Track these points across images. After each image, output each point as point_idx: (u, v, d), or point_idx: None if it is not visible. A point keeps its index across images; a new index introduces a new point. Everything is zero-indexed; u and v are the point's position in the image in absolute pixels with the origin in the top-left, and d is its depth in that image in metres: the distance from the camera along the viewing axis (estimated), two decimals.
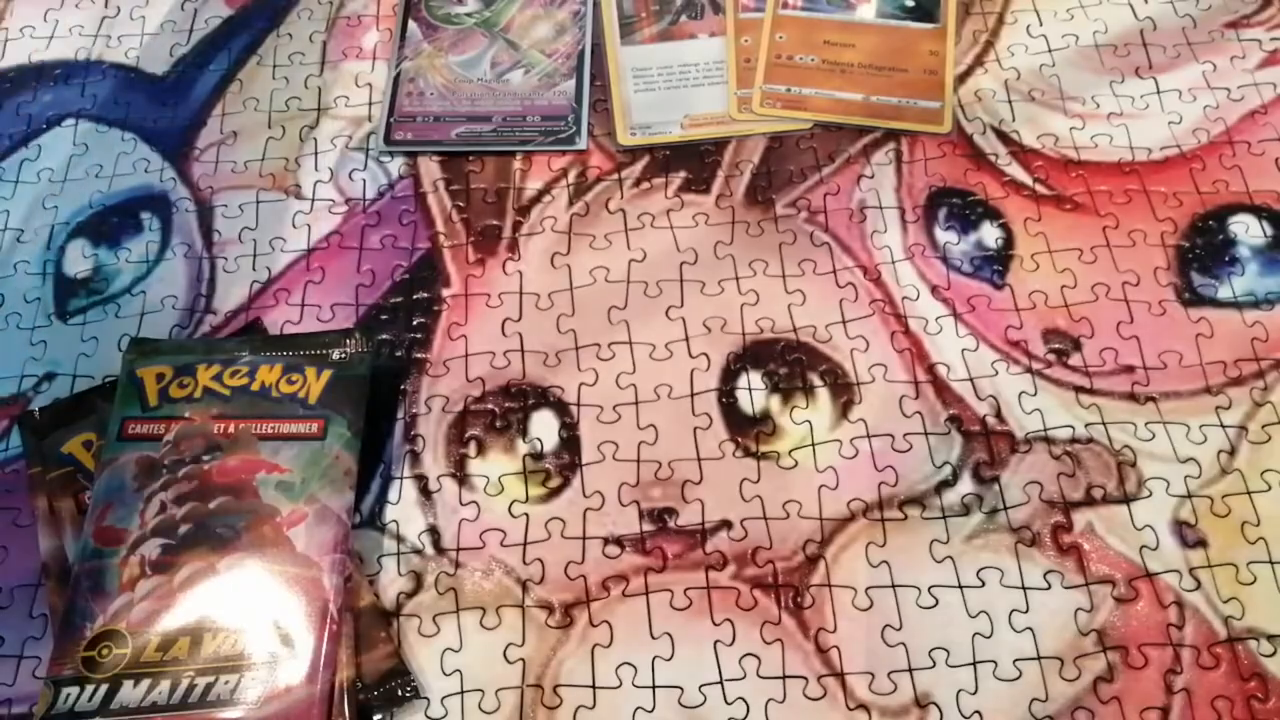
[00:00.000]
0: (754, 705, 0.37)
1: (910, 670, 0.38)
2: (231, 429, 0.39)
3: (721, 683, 0.38)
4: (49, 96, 0.53)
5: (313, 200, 0.49)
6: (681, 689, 0.38)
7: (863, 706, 0.37)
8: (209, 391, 0.40)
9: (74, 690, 0.35)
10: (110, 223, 0.49)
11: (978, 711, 0.37)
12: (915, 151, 0.49)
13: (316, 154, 0.51)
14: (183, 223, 0.49)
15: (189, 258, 0.48)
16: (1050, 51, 0.52)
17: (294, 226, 0.49)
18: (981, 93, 0.51)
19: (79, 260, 0.48)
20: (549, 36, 0.54)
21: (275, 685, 0.35)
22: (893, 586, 0.39)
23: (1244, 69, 0.51)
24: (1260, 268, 0.45)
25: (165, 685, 0.35)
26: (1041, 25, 0.53)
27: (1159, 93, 0.50)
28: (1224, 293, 0.45)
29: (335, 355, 0.41)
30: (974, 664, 0.38)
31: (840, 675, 0.38)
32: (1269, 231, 0.46)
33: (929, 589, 0.39)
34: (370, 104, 0.52)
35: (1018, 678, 0.37)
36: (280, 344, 0.42)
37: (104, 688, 0.35)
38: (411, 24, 0.54)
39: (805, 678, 0.38)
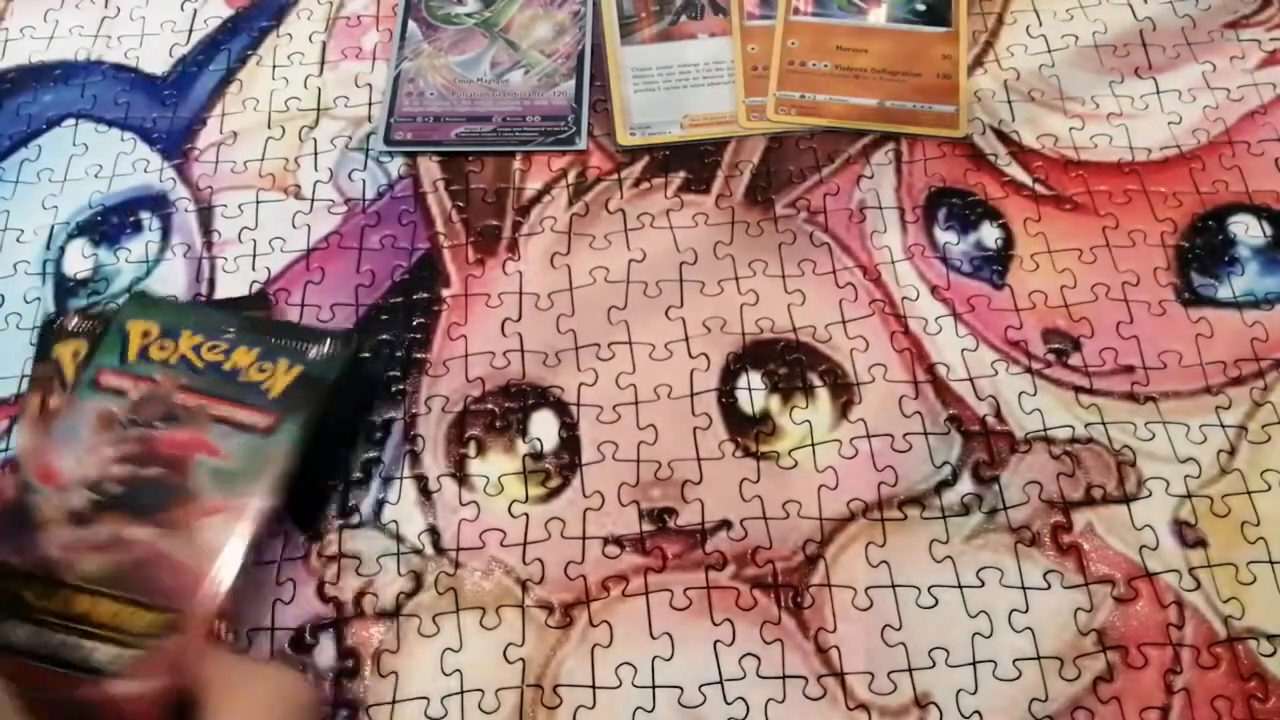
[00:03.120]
0: (754, 705, 0.37)
1: (910, 670, 0.38)
2: (192, 403, 0.39)
3: (721, 683, 0.38)
4: (49, 97, 0.53)
5: (312, 200, 0.49)
6: (681, 689, 0.38)
7: (862, 706, 0.37)
8: (185, 360, 0.40)
9: None
10: (110, 223, 0.49)
11: (977, 711, 0.37)
12: (915, 152, 0.49)
13: (316, 154, 0.51)
14: (182, 223, 0.49)
15: (189, 258, 0.48)
16: (1050, 52, 0.52)
17: (294, 226, 0.49)
18: (981, 93, 0.51)
19: (79, 260, 0.48)
20: (549, 37, 0.54)
21: (126, 667, 0.34)
22: (892, 586, 0.39)
23: (1243, 69, 0.51)
24: (1260, 268, 0.45)
25: (25, 631, 0.35)
26: (1041, 25, 0.53)
27: (1159, 93, 0.50)
28: (1224, 293, 0.45)
29: (312, 354, 0.41)
30: (974, 664, 0.38)
31: (840, 675, 0.38)
32: (1269, 231, 0.46)
33: (929, 589, 0.39)
34: (370, 104, 0.52)
35: (1017, 677, 0.37)
36: (267, 329, 0.42)
37: None
38: (411, 24, 0.54)
39: (805, 678, 0.38)
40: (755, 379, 0.44)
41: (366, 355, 0.44)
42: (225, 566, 0.36)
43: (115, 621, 0.35)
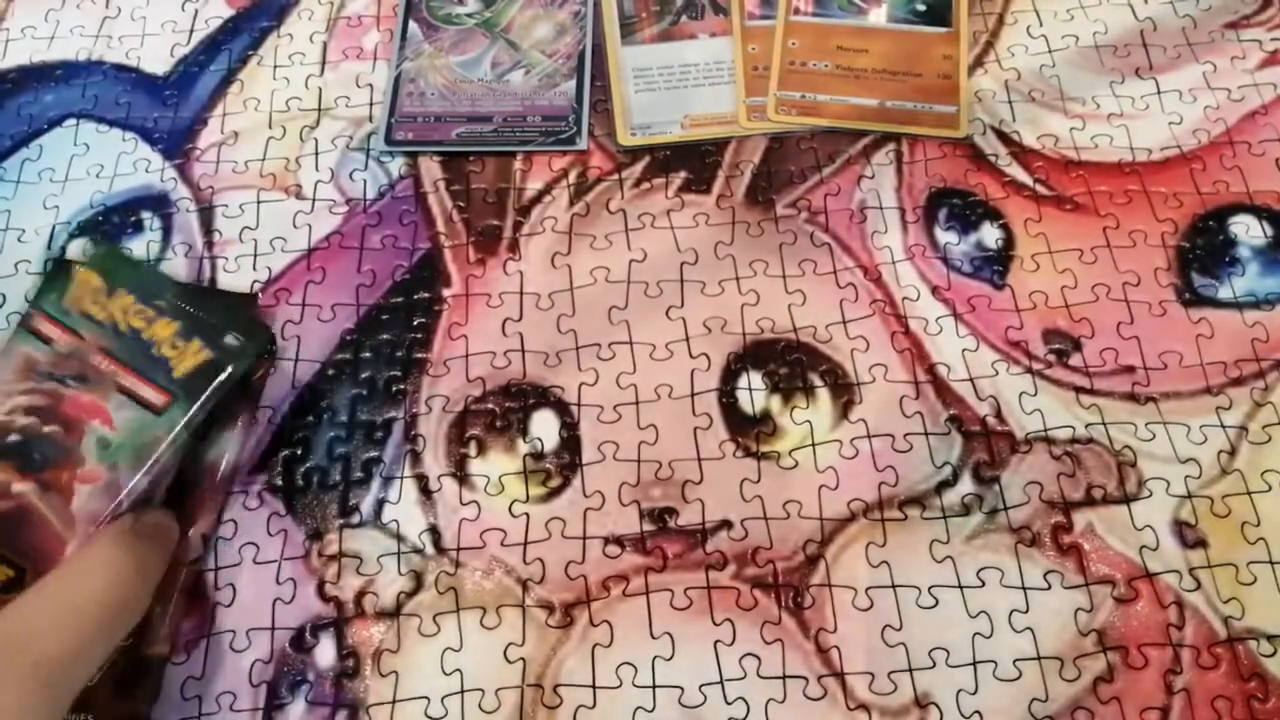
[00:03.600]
0: (754, 705, 0.37)
1: (910, 670, 0.38)
2: (105, 367, 0.39)
3: (721, 682, 0.38)
4: (50, 97, 0.53)
5: (313, 200, 0.49)
6: (681, 689, 0.38)
7: (863, 706, 0.37)
8: (112, 322, 0.40)
9: None
10: (111, 222, 0.49)
11: (978, 711, 0.37)
12: (915, 152, 0.49)
13: (317, 154, 0.51)
14: (183, 222, 0.49)
15: (190, 257, 0.48)
16: (1050, 52, 0.52)
17: (295, 226, 0.49)
18: (982, 93, 0.51)
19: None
20: (549, 37, 0.54)
21: None
22: (893, 586, 0.39)
23: (1244, 69, 0.51)
24: (1261, 268, 0.45)
25: None
26: (1041, 26, 0.53)
27: (1159, 93, 0.50)
28: (1224, 293, 0.45)
29: (227, 340, 0.40)
30: (974, 664, 0.38)
31: (840, 675, 0.38)
32: (1269, 232, 0.46)
33: (929, 589, 0.39)
34: (371, 104, 0.52)
35: (1018, 678, 0.37)
36: (200, 301, 0.41)
37: None
38: (412, 24, 0.55)
39: (805, 678, 0.38)
40: (756, 379, 0.44)
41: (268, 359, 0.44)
42: (80, 536, 0.37)
43: None
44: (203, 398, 0.39)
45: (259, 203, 0.50)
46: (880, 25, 0.53)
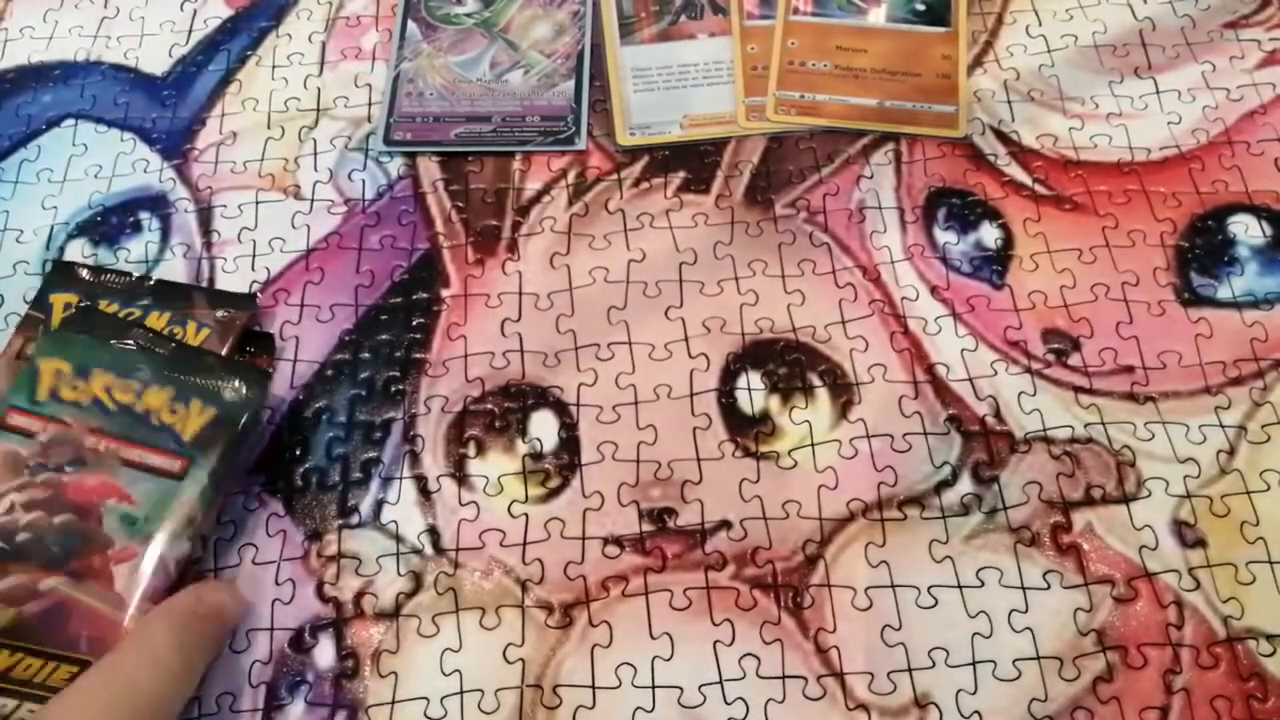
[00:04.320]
0: (753, 705, 0.37)
1: (910, 670, 0.38)
2: (102, 446, 0.38)
3: (721, 683, 0.38)
4: (48, 97, 0.53)
5: (312, 200, 0.49)
6: (681, 689, 0.38)
7: (862, 706, 0.37)
8: (97, 402, 0.39)
9: None
10: (110, 223, 0.49)
11: (977, 712, 0.37)
12: (914, 152, 0.49)
13: (316, 154, 0.51)
14: (182, 223, 0.49)
15: (188, 258, 0.48)
16: (1049, 52, 0.52)
17: (293, 227, 0.49)
18: (981, 93, 0.51)
19: (78, 260, 0.48)
20: (548, 37, 0.54)
21: None
22: (892, 586, 0.39)
23: (1243, 69, 0.51)
24: (1259, 268, 0.45)
25: None
26: (1040, 25, 0.53)
27: (1158, 93, 0.50)
28: (1223, 293, 0.45)
29: (227, 394, 0.40)
30: (973, 664, 0.38)
31: (840, 675, 0.38)
32: (1268, 231, 0.46)
33: (928, 589, 0.39)
34: (370, 104, 0.52)
35: (1017, 678, 0.37)
36: (185, 363, 0.40)
37: None
38: (411, 24, 0.54)
39: (805, 678, 0.38)
40: (755, 379, 0.44)
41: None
42: (138, 613, 0.36)
43: (26, 675, 0.35)
44: (221, 453, 0.39)
45: (257, 203, 0.49)
46: (879, 25, 0.53)
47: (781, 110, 0.51)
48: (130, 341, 0.41)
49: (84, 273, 0.45)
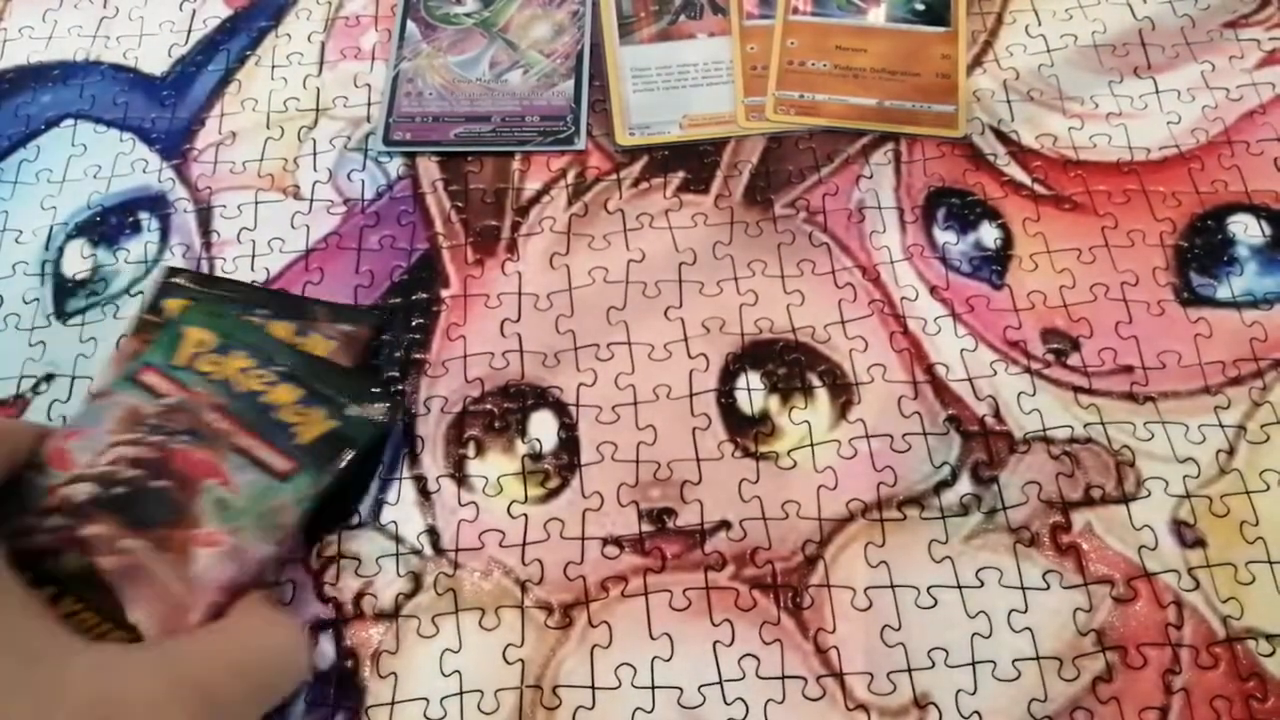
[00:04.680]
0: (753, 705, 0.37)
1: (909, 670, 0.38)
2: (220, 425, 0.37)
3: (721, 683, 0.38)
4: (47, 97, 0.53)
5: (311, 201, 0.49)
6: (681, 689, 0.38)
7: (862, 707, 0.37)
8: (227, 382, 0.38)
9: None
10: (109, 223, 0.49)
11: (977, 712, 0.37)
12: (914, 152, 0.49)
13: (315, 154, 0.51)
14: (181, 223, 0.49)
15: (187, 258, 0.48)
16: (1049, 51, 0.52)
17: (292, 227, 0.49)
18: (980, 93, 0.51)
19: (77, 261, 0.48)
20: (547, 36, 0.54)
21: None
22: (892, 587, 0.39)
23: (1242, 69, 0.51)
24: (1259, 267, 0.45)
25: None
26: (1040, 25, 0.53)
27: (1157, 93, 0.50)
28: (1223, 293, 0.45)
29: (351, 411, 0.39)
30: (973, 664, 0.38)
31: (839, 676, 0.38)
32: (1268, 231, 0.46)
33: (928, 589, 0.39)
34: (369, 104, 0.52)
35: (1017, 678, 0.37)
36: (322, 372, 0.40)
37: None
38: (410, 24, 0.54)
39: (804, 678, 0.38)
40: (754, 379, 0.44)
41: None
42: (203, 604, 0.34)
43: (80, 630, 0.33)
44: (334, 471, 0.37)
45: (257, 203, 0.49)
46: (879, 25, 0.53)
47: (781, 110, 0.51)
48: (278, 346, 0.40)
49: (191, 282, 0.45)
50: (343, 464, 0.38)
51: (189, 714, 0.30)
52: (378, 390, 0.41)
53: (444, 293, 0.47)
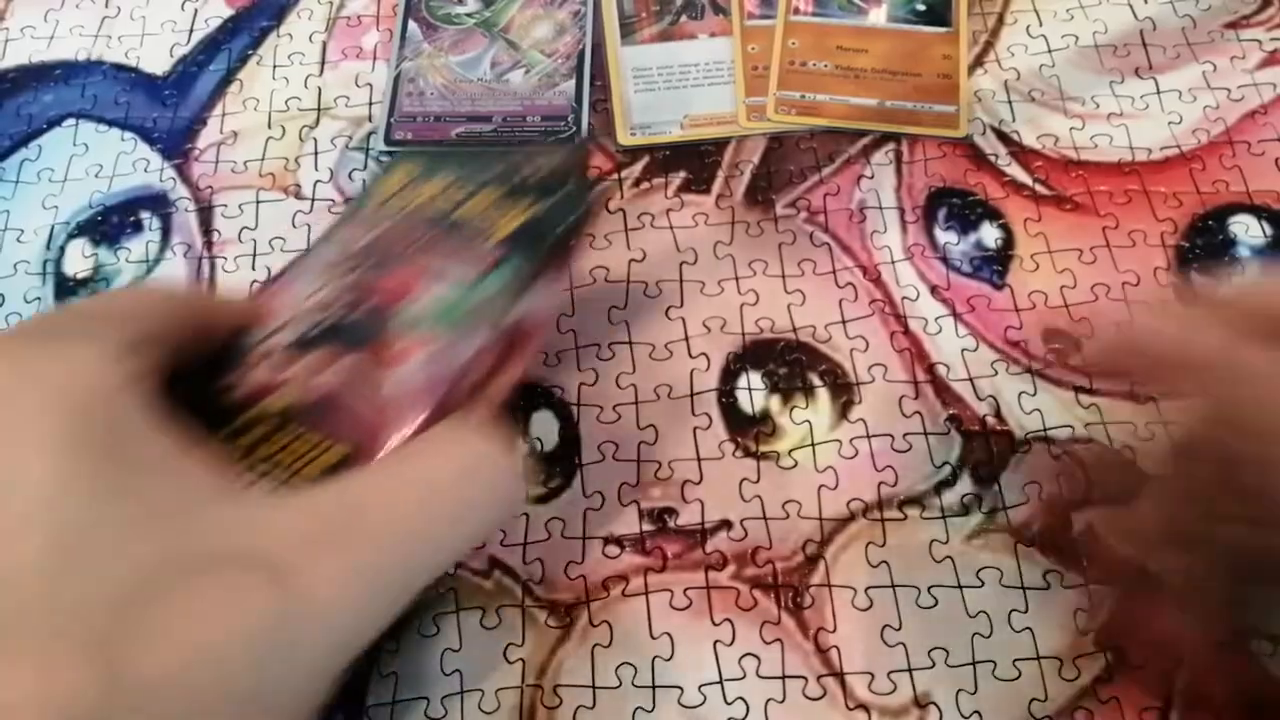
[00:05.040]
0: (754, 705, 0.37)
1: (910, 670, 0.38)
2: (412, 249, 0.36)
3: (721, 683, 0.38)
4: (49, 97, 0.53)
5: (312, 200, 0.49)
6: (681, 689, 0.38)
7: (862, 706, 0.37)
8: (424, 206, 0.37)
9: None
10: (110, 222, 0.49)
11: (977, 711, 0.37)
12: (915, 152, 0.49)
13: (316, 154, 0.51)
14: (182, 222, 0.49)
15: (189, 258, 0.48)
16: (1050, 52, 0.52)
17: (294, 226, 0.49)
18: (981, 93, 0.51)
19: (79, 260, 0.48)
20: (549, 36, 0.54)
21: None
22: (892, 586, 0.39)
23: (1244, 69, 0.51)
24: (1261, 268, 0.45)
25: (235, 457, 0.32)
26: (1041, 25, 0.53)
27: (1159, 93, 0.50)
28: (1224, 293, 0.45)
29: (546, 198, 0.37)
30: (973, 664, 0.38)
31: (840, 675, 0.38)
32: (1269, 232, 0.46)
33: (928, 589, 0.39)
34: (370, 104, 0.52)
35: (1017, 678, 0.37)
36: (514, 168, 0.38)
37: None
38: (412, 24, 0.55)
39: (805, 677, 0.38)
40: (755, 379, 0.44)
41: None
42: (402, 421, 0.32)
43: (284, 460, 0.32)
44: (532, 251, 0.36)
45: (258, 202, 0.50)
46: (880, 25, 0.53)
47: (782, 110, 0.51)
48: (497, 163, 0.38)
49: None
50: (529, 254, 0.36)
51: (344, 549, 0.26)
52: (577, 176, 0.38)
53: None
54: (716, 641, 0.38)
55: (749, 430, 0.43)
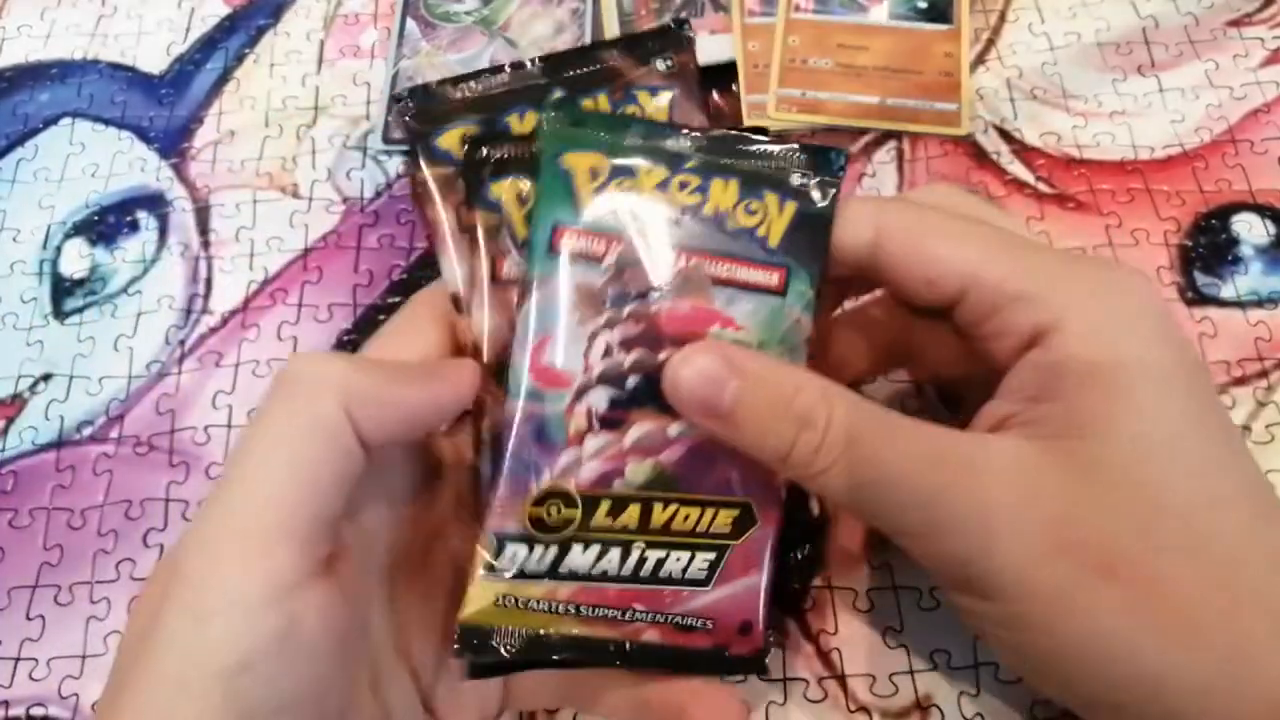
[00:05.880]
0: (755, 707, 0.37)
1: (911, 672, 0.37)
2: (684, 263, 0.31)
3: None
4: (45, 96, 0.53)
5: (310, 199, 0.49)
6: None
7: (864, 709, 0.37)
8: (650, 210, 0.31)
9: (520, 549, 0.30)
10: (107, 222, 0.49)
11: (979, 714, 0.37)
12: (917, 150, 0.49)
13: (314, 153, 0.51)
14: (179, 222, 0.49)
15: (185, 257, 0.48)
16: (1052, 49, 0.52)
17: (291, 226, 0.48)
18: (983, 91, 0.51)
19: (75, 260, 0.48)
20: (548, 34, 0.54)
21: (725, 569, 0.31)
22: (894, 588, 0.39)
23: (1247, 67, 0.50)
24: (1264, 267, 0.45)
25: (615, 554, 0.31)
26: (1043, 23, 0.53)
27: (1161, 91, 0.50)
28: (1227, 292, 0.44)
29: (795, 180, 0.31)
30: (975, 666, 0.37)
31: (841, 677, 0.38)
32: (1272, 230, 0.46)
33: (930, 591, 0.39)
34: (368, 103, 0.52)
35: (1019, 680, 0.37)
36: (733, 149, 0.32)
37: (553, 549, 0.30)
38: (410, 22, 0.54)
39: (806, 679, 0.38)
40: None
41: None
42: None
43: (686, 527, 0.31)
44: (816, 256, 0.31)
45: (255, 202, 0.49)
46: (881, 22, 0.53)
47: (783, 108, 0.50)
48: (666, 129, 0.32)
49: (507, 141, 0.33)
50: (821, 250, 0.31)
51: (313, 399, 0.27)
52: (812, 150, 0.32)
53: None
54: None
55: None
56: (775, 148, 0.32)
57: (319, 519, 0.26)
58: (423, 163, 0.33)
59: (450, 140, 0.33)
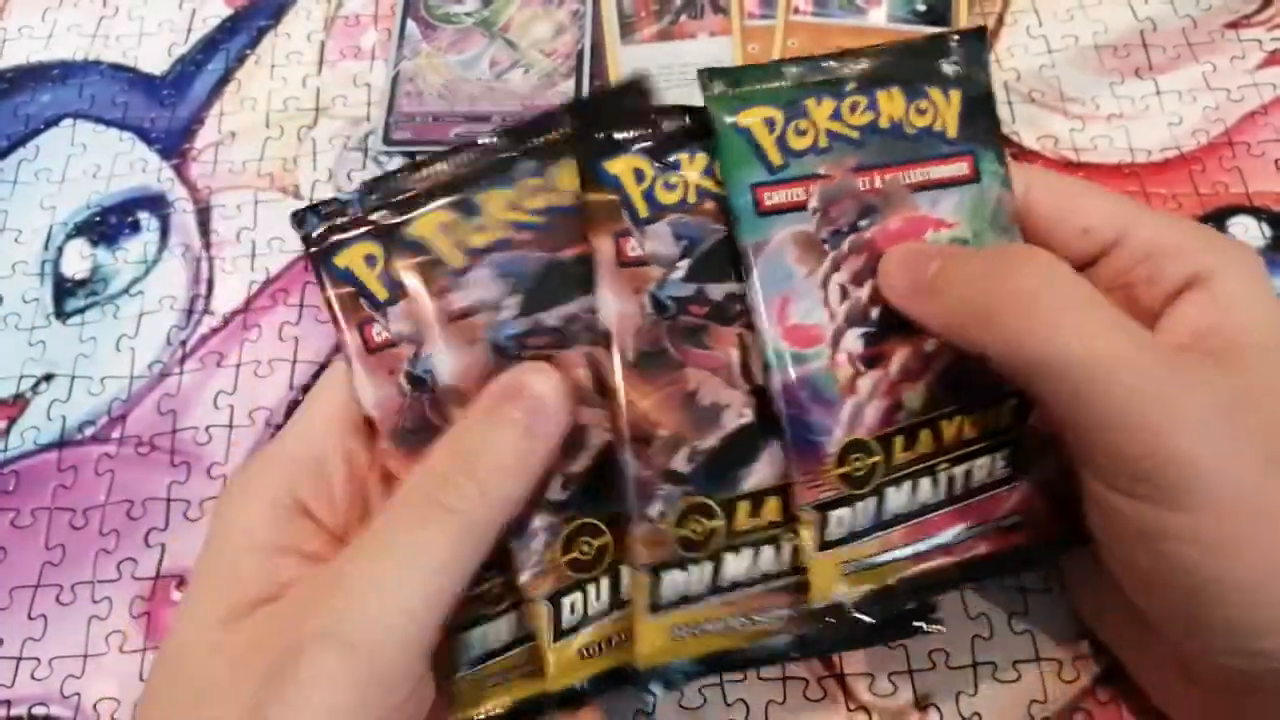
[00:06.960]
0: (754, 707, 0.37)
1: (910, 672, 0.38)
2: (878, 182, 0.31)
3: (721, 684, 0.38)
4: (47, 97, 0.53)
5: (311, 200, 0.49)
6: (681, 690, 0.38)
7: (863, 708, 0.37)
8: (834, 136, 0.32)
9: (844, 512, 0.30)
10: (108, 223, 0.49)
11: (977, 713, 0.37)
12: None
13: (315, 154, 0.51)
14: (181, 223, 0.49)
15: (187, 258, 0.48)
16: (1050, 52, 0.52)
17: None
18: None
19: (77, 261, 0.48)
20: (548, 36, 0.54)
21: (1020, 459, 0.32)
22: None
23: (1244, 70, 0.51)
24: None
25: (926, 484, 0.31)
26: (1041, 26, 0.53)
27: (1159, 94, 0.50)
28: None
29: (949, 70, 0.33)
30: (974, 665, 0.38)
31: (840, 677, 0.38)
32: (1269, 232, 0.46)
33: None
34: (369, 104, 0.52)
35: (1017, 679, 0.37)
36: (877, 58, 0.33)
37: (872, 501, 0.31)
38: (410, 24, 0.54)
39: (805, 679, 0.38)
40: None
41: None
42: None
43: (976, 432, 0.31)
44: (997, 135, 0.33)
45: (256, 203, 0.49)
46: (880, 25, 0.53)
47: None
48: (815, 61, 0.33)
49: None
50: (991, 122, 0.33)
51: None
52: (957, 34, 0.34)
53: None
54: None
55: None
56: (919, 44, 0.33)
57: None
58: (326, 283, 0.33)
59: (351, 258, 0.33)
